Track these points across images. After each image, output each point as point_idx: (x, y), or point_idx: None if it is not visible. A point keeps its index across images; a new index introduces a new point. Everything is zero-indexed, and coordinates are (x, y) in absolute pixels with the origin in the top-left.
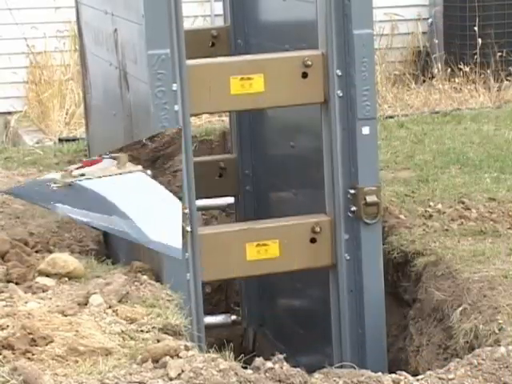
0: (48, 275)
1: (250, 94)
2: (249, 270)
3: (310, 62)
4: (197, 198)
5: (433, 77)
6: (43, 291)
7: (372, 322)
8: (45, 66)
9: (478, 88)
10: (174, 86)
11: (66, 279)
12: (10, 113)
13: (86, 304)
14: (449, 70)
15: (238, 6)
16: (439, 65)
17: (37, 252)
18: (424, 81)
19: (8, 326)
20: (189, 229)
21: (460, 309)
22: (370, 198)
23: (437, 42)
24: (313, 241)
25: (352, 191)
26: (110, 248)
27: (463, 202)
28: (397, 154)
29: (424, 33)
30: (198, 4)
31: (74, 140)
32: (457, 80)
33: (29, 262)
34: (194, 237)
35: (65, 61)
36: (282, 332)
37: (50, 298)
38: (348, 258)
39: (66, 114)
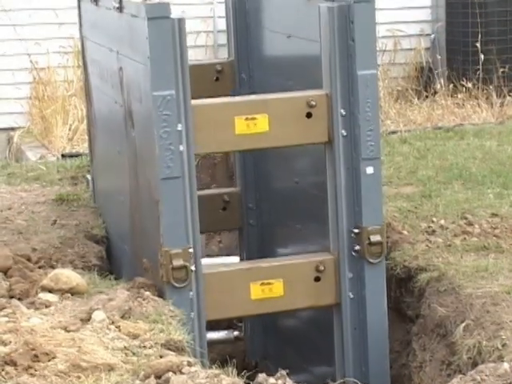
0: (51, 291)
1: (254, 134)
2: (253, 309)
3: (314, 103)
4: (200, 231)
5: (435, 92)
6: (46, 307)
7: (376, 360)
8: (48, 82)
9: (481, 104)
10: (179, 127)
11: (69, 295)
12: (13, 128)
13: (88, 320)
14: (451, 85)
15: (242, 41)
16: (442, 80)
17: (40, 268)
18: (427, 96)
19: (11, 341)
20: (193, 268)
21: (463, 325)
22: (374, 238)
23: (439, 57)
24: (317, 279)
25: (356, 230)
26: (113, 264)
27: (466, 218)
28: (400, 170)
29: (427, 49)
30: (200, 20)
31: (76, 156)
32: (459, 96)
33: (32, 277)
34: (199, 276)
35: (68, 77)
36: (285, 366)
37: (53, 314)
38: (352, 296)
39: (69, 129)
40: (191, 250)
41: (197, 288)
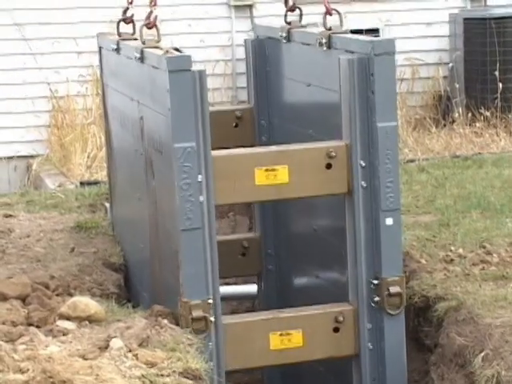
0: (69, 319)
1: (274, 185)
2: (272, 360)
3: (334, 154)
4: (219, 277)
5: (454, 121)
6: (64, 335)
7: None
8: (67, 110)
9: (499, 132)
10: (200, 178)
11: (87, 323)
12: (32, 156)
13: (106, 348)
14: (470, 114)
15: (261, 88)
16: (460, 109)
17: (58, 295)
18: (445, 125)
19: (28, 369)
20: (212, 319)
21: (482, 354)
22: (394, 289)
23: (457, 86)
24: (336, 330)
25: (375, 281)
26: (131, 291)
27: (484, 247)
28: (418, 198)
29: (445, 77)
30: (219, 49)
31: (95, 183)
32: (478, 124)
33: (50, 305)
34: (218, 326)
35: (87, 105)
36: None
37: (71, 342)
38: (371, 347)
39: (88, 157)
40: (211, 301)
41: (216, 338)
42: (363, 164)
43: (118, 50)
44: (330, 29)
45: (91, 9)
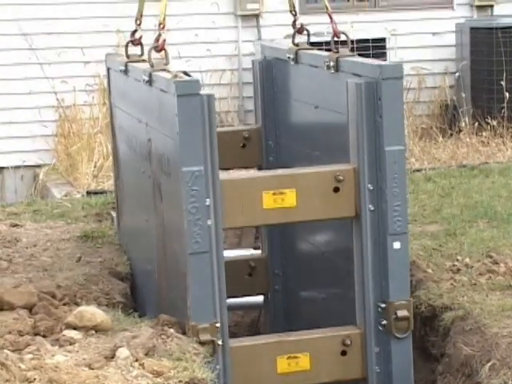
0: (75, 328)
1: (282, 209)
2: (279, 383)
3: (341, 177)
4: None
5: (460, 130)
6: (70, 344)
7: None
8: (74, 120)
9: (506, 142)
10: (208, 201)
11: (93, 332)
12: (39, 166)
13: (112, 357)
14: (476, 123)
15: (269, 108)
16: (466, 118)
17: (64, 305)
18: (451, 134)
19: (35, 378)
20: (220, 342)
21: (489, 364)
22: (401, 313)
23: (464, 95)
24: (343, 353)
25: (383, 305)
26: (137, 301)
27: (491, 256)
28: (424, 208)
29: (451, 87)
30: (225, 58)
31: (102, 193)
32: (484, 134)
33: (56, 314)
34: (226, 350)
35: (93, 114)
36: None
37: (77, 351)
38: (378, 370)
39: (95, 166)
40: (218, 325)
41: (223, 362)
42: (371, 188)
43: (126, 71)
44: (337, 52)
45: (98, 18)
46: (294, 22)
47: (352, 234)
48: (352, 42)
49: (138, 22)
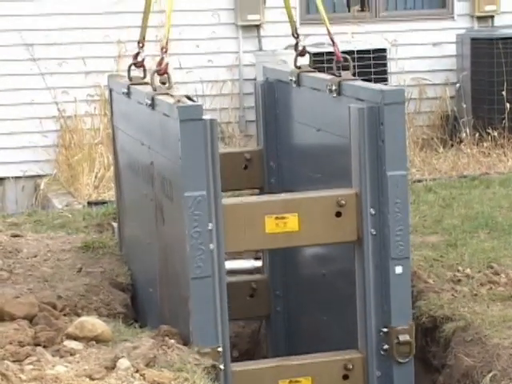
0: (76, 339)
1: (284, 233)
2: None
3: (343, 202)
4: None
5: (461, 141)
6: (71, 355)
7: None
8: (75, 130)
9: (507, 152)
10: (210, 226)
11: (94, 343)
12: (39, 176)
13: (113, 368)
14: (477, 134)
15: (270, 130)
16: (467, 129)
17: (65, 315)
18: (452, 145)
19: None
20: (222, 367)
21: (490, 375)
22: (403, 337)
23: (465, 106)
24: (345, 377)
25: (385, 329)
26: (138, 311)
27: (492, 267)
28: (425, 219)
29: (452, 97)
30: (226, 69)
31: (102, 203)
32: (485, 144)
33: (57, 325)
34: (228, 374)
35: (95, 125)
36: None
37: (78, 362)
38: None
39: (95, 177)
40: (220, 349)
41: None
42: (373, 212)
43: (128, 94)
44: (339, 75)
45: (99, 29)
46: (297, 44)
47: (353, 257)
48: (353, 58)
49: (141, 45)
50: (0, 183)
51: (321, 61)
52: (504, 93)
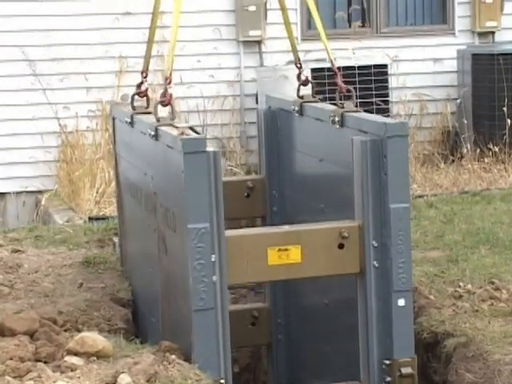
0: (77, 354)
1: (287, 265)
2: None
3: (346, 234)
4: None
5: (462, 157)
6: (72, 370)
7: None
8: (76, 145)
9: (508, 168)
10: (213, 258)
11: (95, 358)
12: (40, 191)
13: (114, 383)
14: (478, 150)
15: (273, 159)
16: (468, 145)
17: (66, 331)
18: (453, 161)
19: None
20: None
21: None
22: (405, 370)
23: (466, 122)
24: None
25: (387, 362)
26: (139, 327)
27: (493, 283)
28: (426, 234)
29: (453, 113)
30: (227, 84)
31: (103, 219)
32: (486, 160)
33: (58, 340)
34: None
35: (96, 140)
36: None
37: (79, 378)
38: None
39: (97, 192)
40: (223, 381)
41: None
42: (375, 244)
43: (132, 123)
44: (342, 107)
45: (100, 45)
46: (299, 74)
47: (356, 287)
48: (354, 74)
49: (144, 75)
50: (1, 198)
51: (322, 76)
52: (505, 108)
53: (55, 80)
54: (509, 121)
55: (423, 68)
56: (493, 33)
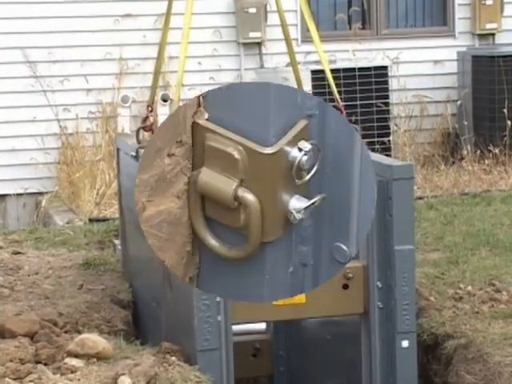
0: (77, 356)
1: (291, 305)
2: None
3: (351, 275)
4: None
5: (462, 158)
6: (72, 372)
7: None
8: (76, 147)
9: (508, 170)
10: (218, 297)
11: (95, 360)
12: (41, 193)
13: None
14: (478, 151)
15: None
16: (468, 146)
17: (66, 332)
18: (453, 162)
19: None
20: None
21: None
22: None
23: (466, 123)
24: None
25: None
26: (139, 329)
27: (494, 284)
28: (426, 236)
29: (453, 114)
30: None
31: (104, 220)
32: (486, 161)
33: (58, 342)
34: None
35: (96, 142)
36: None
37: (79, 379)
38: None
39: (97, 194)
40: None
41: None
42: (380, 285)
43: (137, 157)
44: None
45: (100, 47)
46: None
47: (359, 324)
48: (355, 76)
49: (150, 109)
50: (1, 200)
51: (321, 78)
52: (505, 110)
53: (55, 82)
54: (509, 122)
55: (423, 70)
56: (493, 35)
